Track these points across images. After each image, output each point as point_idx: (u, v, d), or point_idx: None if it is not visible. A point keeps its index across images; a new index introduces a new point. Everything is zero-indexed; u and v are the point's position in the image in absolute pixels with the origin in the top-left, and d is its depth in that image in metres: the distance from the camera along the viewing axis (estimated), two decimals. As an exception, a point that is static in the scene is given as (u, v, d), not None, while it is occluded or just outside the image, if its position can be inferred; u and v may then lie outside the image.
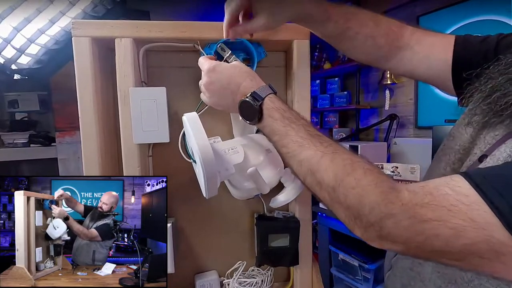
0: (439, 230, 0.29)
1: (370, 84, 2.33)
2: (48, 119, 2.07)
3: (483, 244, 0.28)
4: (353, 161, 0.35)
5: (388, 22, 0.51)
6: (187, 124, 0.47)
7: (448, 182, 0.31)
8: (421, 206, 0.30)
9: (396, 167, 1.68)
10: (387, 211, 0.31)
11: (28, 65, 1.92)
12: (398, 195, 0.31)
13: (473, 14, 1.65)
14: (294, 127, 0.41)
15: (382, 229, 0.31)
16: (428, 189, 0.31)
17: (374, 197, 0.32)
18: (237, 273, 0.66)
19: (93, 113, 0.55)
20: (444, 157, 0.49)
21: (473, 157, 0.43)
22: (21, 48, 1.74)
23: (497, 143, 0.40)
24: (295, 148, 0.40)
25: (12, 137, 1.90)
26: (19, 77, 1.98)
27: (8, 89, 1.91)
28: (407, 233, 0.30)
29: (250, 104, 0.44)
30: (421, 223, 0.29)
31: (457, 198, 0.29)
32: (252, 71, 0.49)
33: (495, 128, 0.42)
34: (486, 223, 0.28)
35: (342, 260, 1.72)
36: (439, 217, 0.29)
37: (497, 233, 0.27)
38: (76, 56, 0.54)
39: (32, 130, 1.98)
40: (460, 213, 0.28)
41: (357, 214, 0.33)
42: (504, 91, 0.38)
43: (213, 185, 0.47)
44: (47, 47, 1.85)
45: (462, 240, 0.28)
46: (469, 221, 0.28)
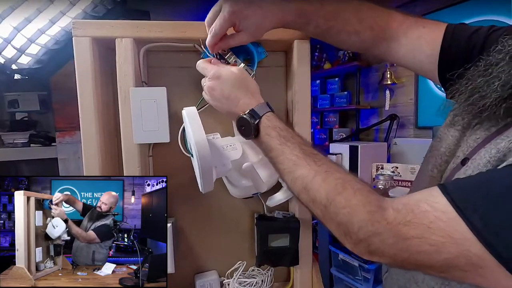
0: (421, 247, 0.31)
1: (370, 84, 2.33)
2: (48, 119, 2.07)
3: (462, 258, 0.29)
4: (344, 181, 0.37)
5: (373, 16, 0.50)
6: (186, 118, 0.48)
7: (427, 199, 0.33)
8: (404, 224, 0.32)
9: (396, 167, 1.68)
10: (374, 230, 0.33)
11: (28, 65, 1.92)
12: (383, 213, 0.33)
13: (473, 14, 1.65)
14: (289, 145, 0.43)
15: (370, 245, 0.34)
16: (410, 207, 0.33)
17: (362, 216, 0.34)
18: (237, 273, 0.66)
19: (93, 113, 0.55)
20: (431, 159, 0.50)
21: (456, 160, 0.44)
22: (22, 48, 1.74)
23: (477, 147, 0.41)
24: (290, 166, 0.42)
25: (12, 137, 1.90)
26: (19, 77, 1.98)
27: (8, 89, 1.91)
28: (392, 250, 0.32)
29: (248, 121, 0.46)
30: (404, 241, 0.32)
31: (436, 215, 0.31)
32: (254, 87, 0.50)
33: (476, 130, 0.42)
34: (463, 238, 0.29)
35: (342, 260, 1.72)
36: (420, 234, 0.31)
37: (473, 248, 0.29)
38: (77, 56, 0.54)
39: (32, 130, 1.98)
40: (439, 229, 0.30)
41: (347, 231, 0.35)
42: (482, 93, 0.38)
43: (208, 179, 0.47)
44: (47, 47, 1.85)
45: (443, 255, 0.30)
46: (447, 237, 0.30)
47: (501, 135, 0.38)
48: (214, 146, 0.53)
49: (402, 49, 0.50)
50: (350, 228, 0.35)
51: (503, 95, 0.36)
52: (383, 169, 1.71)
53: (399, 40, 0.50)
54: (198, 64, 0.53)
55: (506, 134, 0.37)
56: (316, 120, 2.66)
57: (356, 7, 0.50)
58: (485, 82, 0.38)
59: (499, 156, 0.35)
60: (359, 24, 0.50)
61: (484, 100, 0.38)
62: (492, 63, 0.38)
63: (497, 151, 0.36)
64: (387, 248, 0.33)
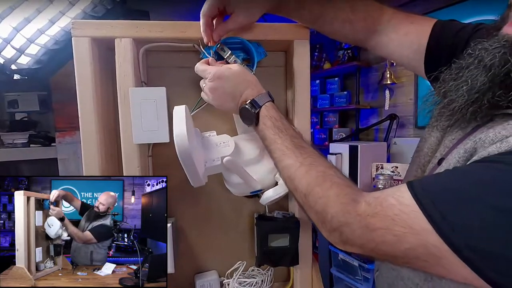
0: (384, 237, 0.33)
1: (370, 84, 2.33)
2: (48, 119, 2.07)
3: (422, 249, 0.31)
4: (325, 174, 0.40)
5: (366, 7, 0.51)
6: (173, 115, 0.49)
7: (394, 193, 0.34)
8: (372, 216, 0.34)
9: (396, 167, 1.68)
10: (344, 220, 0.35)
11: (28, 65, 1.92)
12: (355, 206, 0.35)
13: (472, 14, 1.65)
14: (281, 136, 0.45)
15: (342, 235, 0.36)
16: (380, 200, 0.34)
17: (335, 207, 0.36)
18: (237, 273, 0.66)
19: (93, 113, 0.55)
20: (417, 159, 0.51)
21: (434, 160, 0.45)
22: (21, 48, 1.74)
23: (452, 147, 0.42)
24: (280, 155, 0.45)
25: (12, 137, 1.89)
26: (19, 77, 1.98)
27: (8, 89, 1.91)
28: (361, 240, 0.35)
29: (249, 110, 0.48)
30: (371, 232, 0.34)
31: (400, 208, 0.33)
32: (254, 79, 0.51)
33: (453, 132, 0.44)
34: (422, 229, 0.31)
35: (342, 260, 1.73)
36: (385, 226, 0.33)
37: (431, 238, 0.30)
38: (76, 56, 0.54)
39: (32, 130, 1.98)
40: (402, 221, 0.32)
41: (323, 220, 0.38)
42: (452, 96, 0.40)
43: (192, 172, 0.48)
44: (47, 47, 1.85)
45: (404, 245, 0.32)
46: (408, 228, 0.31)
47: (470, 136, 0.40)
48: (207, 143, 0.55)
49: (391, 44, 0.51)
50: (325, 217, 0.37)
51: (470, 99, 0.38)
52: (383, 169, 1.71)
53: (389, 35, 0.51)
54: (196, 67, 0.53)
55: (474, 135, 0.39)
56: (316, 120, 2.66)
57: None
58: (455, 86, 0.40)
59: (466, 156, 0.37)
60: (352, 13, 0.51)
61: (453, 104, 0.40)
62: (463, 66, 0.39)
63: (465, 151, 0.38)
64: (356, 238, 0.35)
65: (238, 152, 0.56)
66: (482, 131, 0.38)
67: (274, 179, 0.58)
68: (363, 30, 0.52)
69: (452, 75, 0.41)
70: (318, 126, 2.65)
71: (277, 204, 0.64)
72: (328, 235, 0.38)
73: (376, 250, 0.34)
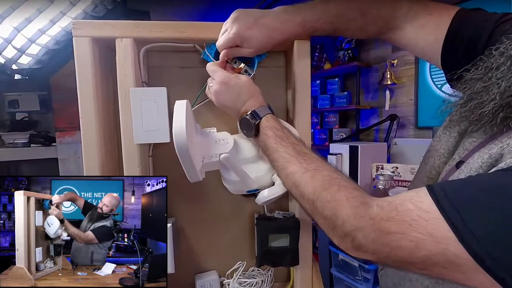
0: (401, 242, 0.31)
1: (370, 84, 2.33)
2: (48, 119, 2.07)
3: (441, 256, 0.30)
4: (331, 178, 0.39)
5: (377, 7, 0.50)
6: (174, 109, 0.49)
7: (412, 197, 0.33)
8: (386, 220, 0.32)
9: (396, 167, 1.68)
10: (356, 224, 0.34)
11: (29, 65, 1.92)
12: (367, 209, 0.34)
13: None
14: (283, 144, 0.45)
15: (354, 240, 0.34)
16: (395, 205, 0.33)
17: (346, 210, 0.35)
18: (237, 273, 0.66)
19: (93, 113, 0.55)
20: (430, 159, 0.50)
21: (452, 162, 0.44)
22: (22, 48, 1.74)
23: (473, 150, 0.41)
24: (283, 163, 0.44)
25: (13, 137, 1.89)
26: (20, 77, 1.98)
27: (8, 89, 1.91)
28: (374, 245, 0.33)
29: (249, 121, 0.49)
30: (385, 235, 0.32)
31: (419, 214, 0.31)
32: (257, 91, 0.53)
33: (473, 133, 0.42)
34: (443, 237, 0.30)
35: (342, 260, 1.73)
36: (402, 230, 0.31)
37: (452, 247, 0.29)
38: (77, 56, 0.54)
39: (32, 130, 1.98)
40: (420, 227, 0.31)
41: (333, 225, 0.36)
42: (480, 99, 0.37)
43: (189, 167, 0.48)
44: (47, 47, 1.85)
45: (422, 252, 0.31)
46: (428, 235, 0.30)
47: (495, 140, 0.37)
48: (207, 139, 0.55)
49: (406, 36, 0.51)
50: (335, 222, 0.36)
51: (501, 104, 0.35)
52: (383, 169, 1.71)
53: (404, 29, 0.50)
54: (208, 66, 0.55)
55: (500, 139, 0.37)
56: (316, 120, 2.66)
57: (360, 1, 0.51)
58: (484, 88, 0.37)
59: (491, 162, 0.36)
60: (363, 18, 0.51)
61: (481, 109, 0.37)
62: (493, 66, 0.36)
63: (489, 157, 0.36)
64: (370, 243, 0.33)
65: (237, 150, 0.56)
66: (510, 135, 0.36)
67: (272, 179, 0.58)
68: (375, 31, 0.52)
69: (479, 75, 0.38)
70: (318, 126, 2.65)
71: (277, 204, 0.64)
72: (339, 242, 0.36)
73: (391, 255, 0.32)
